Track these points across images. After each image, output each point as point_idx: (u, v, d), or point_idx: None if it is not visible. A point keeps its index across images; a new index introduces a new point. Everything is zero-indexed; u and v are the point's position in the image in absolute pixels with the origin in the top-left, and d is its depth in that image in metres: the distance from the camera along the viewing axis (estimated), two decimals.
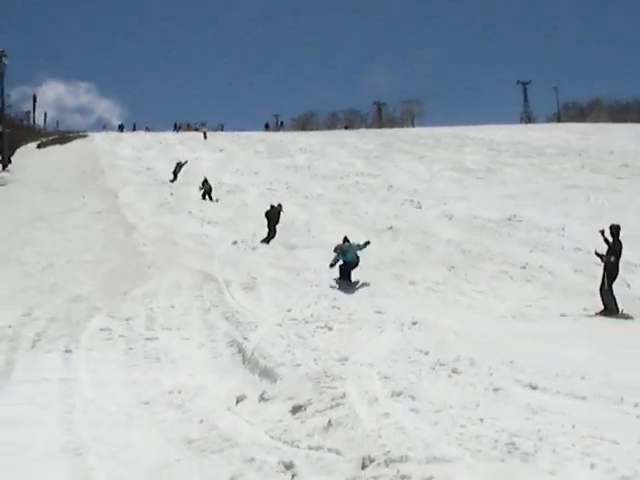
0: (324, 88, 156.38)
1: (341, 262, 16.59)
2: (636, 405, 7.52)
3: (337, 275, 16.62)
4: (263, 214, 22.09)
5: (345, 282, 16.34)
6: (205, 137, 54.16)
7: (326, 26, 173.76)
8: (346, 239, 17.12)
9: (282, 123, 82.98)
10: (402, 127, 76.71)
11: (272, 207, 22.21)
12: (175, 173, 34.44)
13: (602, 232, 14.25)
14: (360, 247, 16.80)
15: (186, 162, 35.18)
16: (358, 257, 16.65)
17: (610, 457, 5.98)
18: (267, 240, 21.21)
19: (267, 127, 76.99)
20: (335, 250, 16.77)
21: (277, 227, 21.69)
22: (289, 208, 23.87)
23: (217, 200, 28.85)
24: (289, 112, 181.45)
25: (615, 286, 13.90)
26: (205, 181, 29.87)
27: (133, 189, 31.09)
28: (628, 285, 14.92)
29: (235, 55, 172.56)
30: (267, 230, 21.50)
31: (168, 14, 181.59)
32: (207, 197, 29.21)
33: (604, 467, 5.80)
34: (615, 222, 14.94)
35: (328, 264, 16.68)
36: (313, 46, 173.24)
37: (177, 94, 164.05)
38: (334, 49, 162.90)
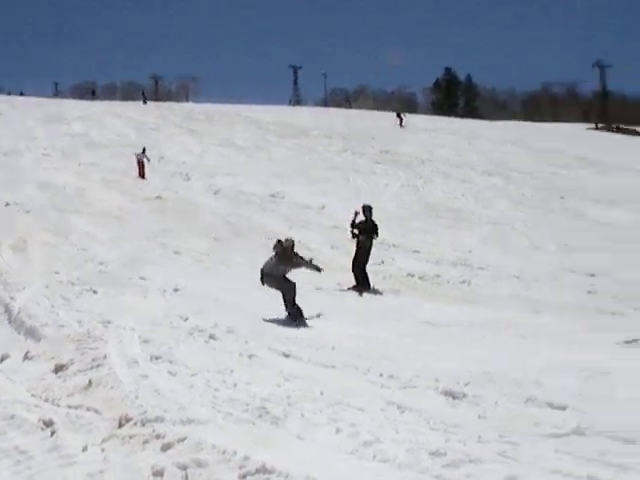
0: (105, 59, 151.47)
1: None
2: (381, 375, 7.97)
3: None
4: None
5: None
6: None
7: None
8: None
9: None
10: (177, 102, 75.70)
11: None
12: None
13: (356, 213, 14.63)
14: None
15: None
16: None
17: (354, 422, 6.34)
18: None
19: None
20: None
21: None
22: (64, 174, 23.19)
23: None
24: (69, 80, 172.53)
25: (369, 264, 14.59)
26: None
27: None
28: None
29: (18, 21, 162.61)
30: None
31: None
32: None
33: (348, 432, 6.13)
34: (369, 203, 15.61)
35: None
36: (98, 18, 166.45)
37: None
38: (117, 22, 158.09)
